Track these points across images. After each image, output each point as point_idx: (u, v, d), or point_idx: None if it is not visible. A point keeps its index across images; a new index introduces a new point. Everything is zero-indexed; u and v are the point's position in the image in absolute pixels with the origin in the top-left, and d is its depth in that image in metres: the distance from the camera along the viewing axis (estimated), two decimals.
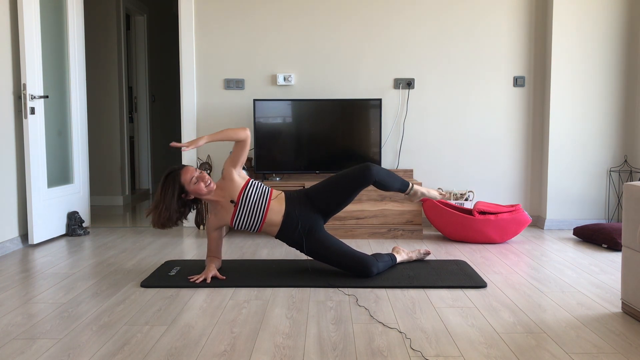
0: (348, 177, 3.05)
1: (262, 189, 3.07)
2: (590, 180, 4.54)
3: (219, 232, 3.13)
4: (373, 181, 3.02)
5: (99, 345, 2.14)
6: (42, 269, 3.30)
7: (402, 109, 4.68)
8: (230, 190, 3.04)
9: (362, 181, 3.02)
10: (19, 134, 3.91)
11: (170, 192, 2.95)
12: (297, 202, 3.08)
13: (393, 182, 3.09)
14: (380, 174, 3.03)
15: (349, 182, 3.05)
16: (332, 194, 3.08)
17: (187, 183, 2.96)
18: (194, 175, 2.97)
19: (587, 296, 2.74)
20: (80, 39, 4.53)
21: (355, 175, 3.03)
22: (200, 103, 4.70)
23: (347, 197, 3.08)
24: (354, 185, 3.04)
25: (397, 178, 3.12)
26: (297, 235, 3.06)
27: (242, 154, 3.06)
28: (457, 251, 3.77)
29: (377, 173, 3.01)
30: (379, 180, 3.03)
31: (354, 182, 3.04)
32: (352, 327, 2.32)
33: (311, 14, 4.64)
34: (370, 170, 3.00)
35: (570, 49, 4.45)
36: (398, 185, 3.12)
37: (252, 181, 3.09)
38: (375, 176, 3.00)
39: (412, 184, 3.16)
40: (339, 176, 3.09)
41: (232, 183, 3.05)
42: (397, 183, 3.11)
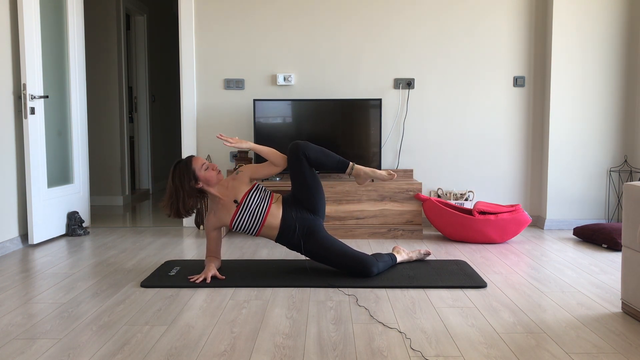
0: (289, 163, 3.05)
1: (265, 193, 3.09)
2: (590, 180, 4.54)
3: (218, 232, 3.13)
4: (303, 155, 2.98)
5: (99, 345, 2.14)
6: (42, 269, 3.30)
7: (402, 109, 4.68)
8: (236, 190, 3.04)
9: (296, 160, 3.01)
10: (19, 134, 3.91)
11: (181, 179, 2.96)
12: (293, 205, 3.08)
13: (327, 158, 3.04)
14: (310, 148, 3.00)
15: (291, 166, 3.04)
16: (297, 186, 3.08)
17: (198, 169, 2.98)
18: (204, 162, 3.01)
19: (587, 296, 2.74)
20: (80, 39, 4.53)
21: (290, 158, 3.03)
22: (200, 103, 4.70)
23: (303, 181, 3.05)
24: (295, 167, 3.03)
25: (334, 156, 3.07)
26: (296, 238, 3.06)
27: (267, 174, 3.09)
28: (457, 251, 3.77)
29: (305, 147, 2.99)
30: (309, 155, 3.00)
31: (293, 165, 3.03)
32: (352, 327, 2.32)
33: (311, 14, 4.64)
34: (296, 145, 3.00)
35: (570, 49, 4.45)
36: (334, 163, 3.06)
37: (259, 185, 3.11)
38: (302, 149, 2.98)
39: (352, 163, 3.09)
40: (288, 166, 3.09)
41: (241, 184, 3.06)
42: (332, 161, 3.05)
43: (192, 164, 2.99)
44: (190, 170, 2.98)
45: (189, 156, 3.05)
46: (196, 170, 2.98)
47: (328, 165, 3.06)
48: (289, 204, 3.08)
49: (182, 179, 2.96)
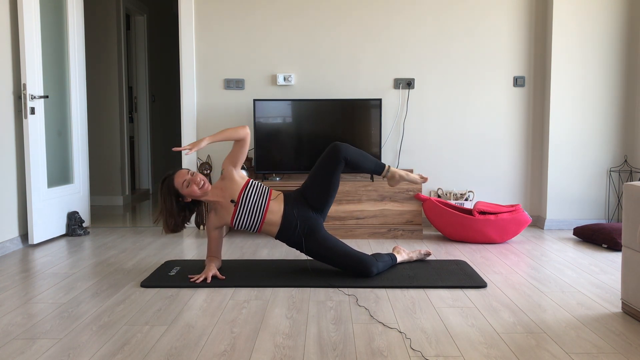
0: (322, 163, 3.05)
1: (262, 189, 3.08)
2: (590, 180, 4.54)
3: (219, 232, 3.13)
4: (344, 158, 2.99)
5: (99, 345, 2.14)
6: (42, 269, 3.30)
7: (402, 109, 4.68)
8: (230, 190, 3.04)
9: (334, 161, 3.00)
10: (19, 134, 3.91)
11: (167, 198, 3.00)
12: (295, 203, 3.08)
13: (366, 161, 3.05)
14: (350, 151, 3.01)
15: (324, 166, 3.04)
16: (315, 185, 3.08)
17: (180, 187, 2.99)
18: (185, 179, 2.98)
19: (587, 296, 2.74)
20: (80, 39, 4.53)
21: (327, 158, 3.03)
22: (200, 103, 4.70)
23: (329, 182, 3.05)
24: (329, 168, 3.02)
25: (371, 158, 3.08)
26: (296, 236, 3.06)
27: (241, 152, 3.07)
28: (457, 251, 3.77)
29: (346, 150, 2.99)
30: (350, 159, 3.00)
31: (327, 165, 3.03)
32: (352, 327, 2.32)
33: (311, 14, 4.64)
34: (338, 147, 2.99)
35: (570, 49, 4.45)
36: (372, 166, 3.07)
37: (252, 181, 3.09)
38: (344, 152, 2.98)
39: (388, 166, 3.11)
40: (316, 165, 3.09)
41: (232, 183, 3.05)
42: (370, 163, 3.07)
43: (174, 184, 2.99)
44: (173, 190, 3.00)
45: (171, 174, 3.02)
46: (179, 190, 3.00)
47: (365, 168, 3.07)
48: (291, 201, 3.08)
49: (168, 199, 3.00)
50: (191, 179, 2.98)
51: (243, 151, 3.07)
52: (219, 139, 3.01)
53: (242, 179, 3.08)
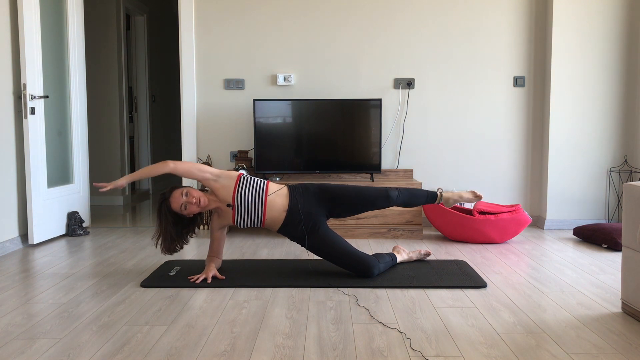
0: (368, 198, 3.11)
1: (257, 185, 3.03)
2: (590, 180, 4.54)
3: (222, 232, 3.13)
4: (394, 203, 3.13)
5: (99, 345, 2.14)
6: (42, 269, 3.30)
7: (402, 109, 4.68)
8: (223, 195, 3.02)
9: (382, 201, 3.12)
10: (19, 134, 3.91)
11: (164, 222, 2.98)
12: (303, 197, 3.05)
13: (417, 200, 3.18)
14: (400, 200, 3.13)
15: (367, 202, 3.12)
16: (347, 205, 3.12)
17: (179, 210, 2.97)
18: (181, 203, 2.93)
19: (587, 296, 2.74)
20: (80, 39, 4.53)
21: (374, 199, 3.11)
22: (200, 103, 4.70)
23: (360, 212, 3.17)
24: (374, 201, 3.12)
25: (421, 195, 3.18)
26: (299, 231, 3.05)
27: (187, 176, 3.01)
28: (457, 251, 3.77)
29: (397, 199, 3.12)
30: (400, 204, 3.15)
31: (375, 199, 3.11)
32: (352, 327, 2.32)
33: (311, 14, 4.64)
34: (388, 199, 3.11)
35: (570, 49, 4.45)
36: (423, 201, 3.20)
37: (243, 177, 3.04)
38: (394, 201, 3.12)
39: (439, 194, 3.20)
40: (360, 192, 3.12)
41: (222, 189, 3.01)
42: (421, 199, 3.19)
43: (172, 208, 2.96)
44: (172, 214, 2.98)
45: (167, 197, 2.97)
46: (178, 212, 2.98)
47: (416, 205, 3.22)
48: (297, 196, 3.06)
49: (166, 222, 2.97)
50: (187, 201, 2.93)
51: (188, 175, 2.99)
52: (137, 177, 3.00)
53: (231, 180, 3.03)
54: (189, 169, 3.00)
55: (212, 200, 3.04)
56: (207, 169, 3.01)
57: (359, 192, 3.11)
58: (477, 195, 3.27)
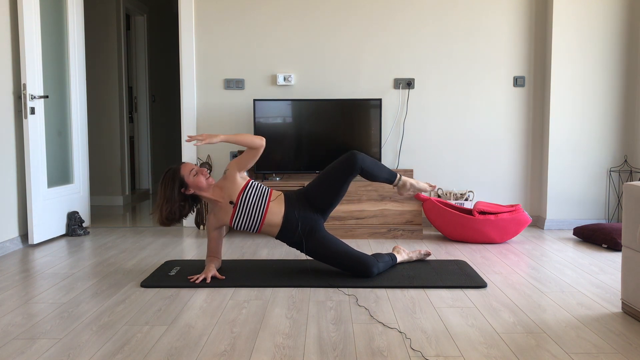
0: (336, 168, 3.05)
1: (262, 190, 3.07)
2: (590, 180, 4.54)
3: (218, 232, 3.13)
4: (359, 168, 3.00)
5: (99, 345, 2.14)
6: (42, 269, 3.30)
7: (402, 108, 4.68)
8: (230, 190, 3.04)
9: (349, 170, 3.01)
10: (19, 134, 3.91)
11: (170, 186, 2.97)
12: (297, 203, 3.07)
13: (380, 171, 3.07)
14: (366, 161, 3.02)
15: (338, 173, 3.04)
16: (324, 189, 3.08)
17: (186, 175, 2.98)
18: (192, 168, 3.00)
19: (587, 296, 2.74)
20: (80, 39, 4.53)
21: (342, 165, 3.03)
22: (200, 103, 4.70)
23: (339, 189, 3.07)
24: (343, 175, 3.03)
25: (385, 168, 3.10)
26: (297, 236, 3.05)
27: (251, 160, 3.05)
28: (457, 251, 3.77)
29: (363, 160, 3.00)
30: (365, 169, 3.02)
31: (341, 172, 3.03)
32: (352, 327, 2.32)
33: (311, 14, 4.64)
34: (355, 157, 3.00)
35: (570, 49, 4.45)
36: (385, 175, 3.09)
37: (252, 182, 3.09)
38: (360, 163, 3.00)
39: (400, 175, 3.13)
40: (328, 169, 3.09)
41: (233, 184, 3.05)
42: (384, 173, 3.08)
43: (180, 171, 2.99)
44: (178, 177, 2.98)
45: (171, 168, 3.03)
46: (185, 177, 2.98)
47: (379, 178, 3.09)
48: (292, 202, 3.08)
49: (166, 185, 2.98)
50: (199, 170, 3.00)
51: (252, 159, 3.05)
52: (234, 140, 2.98)
53: (243, 180, 3.08)
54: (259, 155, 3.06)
55: (215, 192, 3.05)
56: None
57: (328, 168, 3.10)
58: (431, 185, 3.21)
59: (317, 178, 3.13)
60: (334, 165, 3.06)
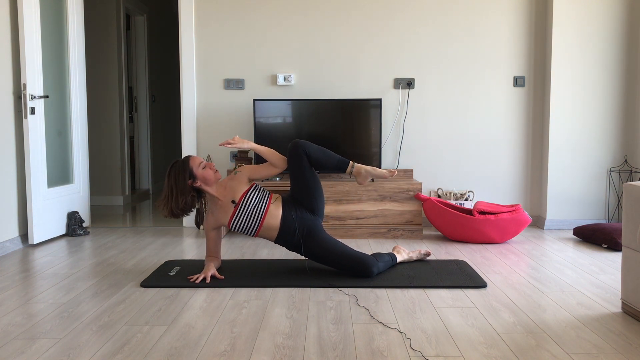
0: (289, 163, 3.06)
1: (263, 193, 3.08)
2: (590, 180, 4.54)
3: (217, 232, 3.13)
4: (304, 152, 3.00)
5: (99, 345, 2.14)
6: (42, 269, 3.30)
7: (402, 109, 4.68)
8: (234, 190, 3.04)
9: (296, 158, 3.02)
10: (19, 134, 3.91)
11: (182, 177, 2.95)
12: (293, 205, 3.08)
13: (328, 157, 3.06)
14: (310, 146, 3.03)
15: (292, 165, 3.06)
16: (296, 186, 3.09)
17: (195, 167, 2.97)
18: (202, 161, 3.00)
19: (587, 296, 2.74)
20: (80, 39, 4.53)
21: (290, 157, 3.04)
22: (200, 103, 4.70)
23: (305, 180, 3.06)
24: (296, 165, 3.04)
25: (334, 155, 3.08)
26: (295, 239, 3.05)
27: (266, 175, 3.09)
28: (457, 251, 3.77)
29: (305, 145, 3.02)
30: (310, 154, 3.02)
31: (293, 162, 3.04)
32: (352, 327, 2.32)
33: (311, 14, 4.64)
34: (296, 143, 3.02)
35: (570, 49, 4.45)
36: (335, 162, 3.06)
37: (257, 185, 3.10)
38: (303, 147, 3.00)
39: (352, 162, 3.09)
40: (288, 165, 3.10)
41: (239, 185, 3.05)
42: (333, 160, 3.06)
43: (189, 162, 2.99)
44: (187, 168, 2.97)
45: (179, 160, 3.03)
46: (194, 169, 2.98)
47: (328, 165, 3.06)
48: (288, 204, 3.08)
49: (177, 177, 2.96)
50: (207, 164, 3.01)
51: (268, 175, 3.09)
52: (260, 151, 3.05)
53: (247, 183, 3.09)
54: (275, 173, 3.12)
55: (219, 189, 3.06)
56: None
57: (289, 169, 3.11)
58: (390, 171, 3.14)
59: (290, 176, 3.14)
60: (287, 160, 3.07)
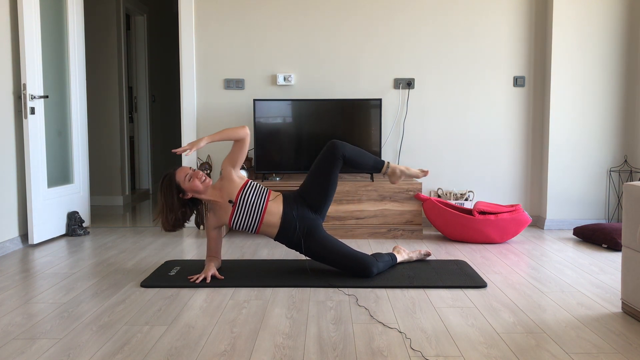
0: (320, 161, 3.06)
1: (261, 190, 3.07)
2: (590, 180, 4.54)
3: (218, 232, 3.13)
4: (342, 156, 3.00)
5: (99, 345, 2.14)
6: (42, 269, 3.30)
7: (402, 108, 4.68)
8: (228, 190, 3.04)
9: (332, 159, 3.01)
10: (19, 134, 3.91)
11: (169, 193, 2.99)
12: (294, 203, 3.08)
13: (365, 159, 3.06)
14: (348, 149, 3.02)
15: (322, 165, 3.05)
16: (314, 185, 3.09)
17: (182, 181, 2.98)
18: (187, 173, 2.99)
19: (587, 296, 2.74)
20: (80, 39, 4.53)
21: (324, 156, 3.04)
22: (200, 103, 4.70)
23: (327, 182, 3.06)
24: (327, 166, 3.03)
25: (370, 156, 3.09)
26: (296, 237, 3.06)
27: (241, 153, 3.06)
28: (457, 251, 3.77)
29: (344, 147, 3.01)
30: (348, 156, 3.01)
31: (325, 163, 3.04)
32: (352, 327, 2.32)
33: (311, 13, 4.64)
34: (335, 145, 3.01)
35: (570, 49, 4.45)
36: (371, 163, 3.08)
37: (251, 182, 3.09)
38: (341, 150, 3.00)
39: (387, 162, 3.12)
40: (314, 164, 3.10)
41: (231, 183, 3.05)
42: (369, 160, 3.07)
43: (175, 178, 2.99)
44: (174, 184, 2.99)
45: (172, 170, 3.03)
46: (180, 183, 2.99)
47: (364, 167, 3.07)
48: (290, 202, 3.08)
49: (166, 194, 2.99)
50: (193, 174, 3.00)
51: (242, 151, 3.06)
52: (218, 138, 3.01)
53: (241, 180, 3.08)
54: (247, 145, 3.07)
55: (213, 193, 3.05)
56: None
57: (314, 163, 3.10)
58: (423, 171, 3.17)
59: (307, 175, 3.14)
60: (318, 158, 3.08)
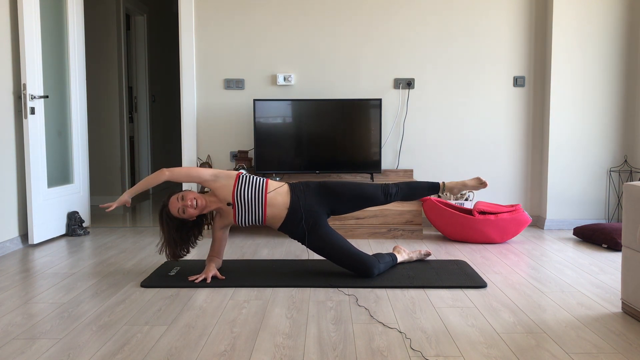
0: (367, 193, 3.11)
1: (257, 183, 3.03)
2: (590, 180, 4.54)
3: (223, 233, 3.13)
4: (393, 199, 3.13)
5: (99, 345, 2.14)
6: (42, 269, 3.30)
7: (402, 109, 4.68)
8: (222, 194, 3.02)
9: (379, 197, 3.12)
10: (19, 134, 3.91)
11: (166, 227, 3.00)
12: (304, 195, 3.05)
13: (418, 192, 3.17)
14: (399, 195, 3.13)
15: (366, 197, 3.12)
16: (347, 200, 3.11)
17: (177, 216, 2.98)
18: (178, 207, 2.95)
19: (587, 296, 2.74)
20: (80, 39, 4.53)
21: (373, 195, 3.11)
22: (200, 103, 4.70)
23: (360, 208, 3.18)
24: (370, 202, 3.13)
25: (422, 187, 3.17)
26: (300, 229, 3.04)
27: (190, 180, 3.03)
28: (457, 251, 3.77)
29: (396, 196, 3.12)
30: (400, 199, 3.16)
31: (370, 200, 3.12)
32: (352, 327, 2.32)
33: (311, 14, 4.64)
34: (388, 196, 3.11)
35: (570, 48, 4.45)
36: (426, 193, 3.18)
37: (242, 176, 3.05)
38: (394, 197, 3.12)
39: (442, 183, 3.19)
40: (359, 187, 3.12)
41: (222, 189, 3.02)
42: (423, 191, 3.17)
43: (171, 214, 2.97)
44: (174, 220, 3.00)
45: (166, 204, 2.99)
46: (178, 217, 2.99)
47: (418, 197, 3.20)
48: (297, 193, 3.06)
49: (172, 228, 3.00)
50: (183, 205, 2.94)
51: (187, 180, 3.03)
52: (138, 190, 3.01)
53: (230, 179, 3.04)
54: (187, 173, 3.03)
55: (212, 201, 3.04)
56: (203, 171, 3.04)
57: (358, 188, 3.13)
58: (482, 182, 3.22)
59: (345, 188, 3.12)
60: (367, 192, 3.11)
